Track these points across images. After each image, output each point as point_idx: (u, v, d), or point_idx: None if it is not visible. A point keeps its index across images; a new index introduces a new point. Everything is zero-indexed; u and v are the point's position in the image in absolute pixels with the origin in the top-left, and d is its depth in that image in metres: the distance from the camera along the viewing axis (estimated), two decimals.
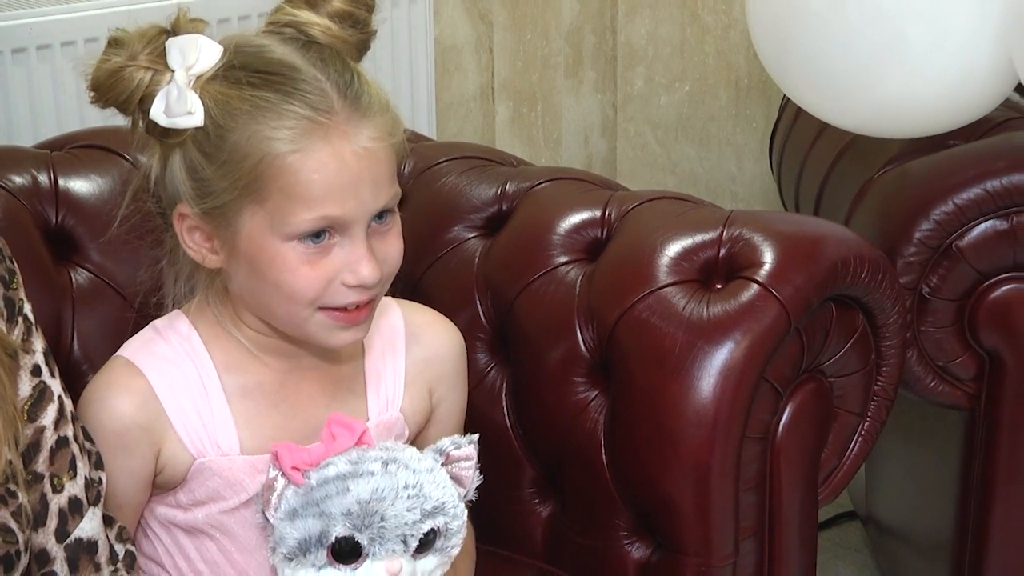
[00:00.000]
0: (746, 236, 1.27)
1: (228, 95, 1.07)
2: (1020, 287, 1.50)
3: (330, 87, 1.07)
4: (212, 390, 1.14)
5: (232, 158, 1.07)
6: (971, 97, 1.53)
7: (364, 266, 1.08)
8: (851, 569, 2.04)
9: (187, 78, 1.07)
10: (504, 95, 2.38)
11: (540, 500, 1.34)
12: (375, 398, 1.19)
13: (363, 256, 1.08)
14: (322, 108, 1.06)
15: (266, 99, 1.06)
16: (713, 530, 1.23)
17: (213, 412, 1.13)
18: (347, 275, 1.08)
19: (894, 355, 1.34)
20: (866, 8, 1.49)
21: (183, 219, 1.11)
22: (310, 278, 1.08)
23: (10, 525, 0.92)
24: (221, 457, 1.13)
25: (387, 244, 1.11)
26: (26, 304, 1.01)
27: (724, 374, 1.20)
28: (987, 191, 1.47)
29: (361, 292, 1.09)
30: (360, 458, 1.10)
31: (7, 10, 1.73)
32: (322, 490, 1.09)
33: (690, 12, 2.43)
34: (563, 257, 1.34)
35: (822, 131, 1.79)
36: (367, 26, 1.12)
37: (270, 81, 1.07)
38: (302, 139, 1.05)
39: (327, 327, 1.11)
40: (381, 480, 1.09)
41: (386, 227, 1.11)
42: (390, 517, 1.09)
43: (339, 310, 1.10)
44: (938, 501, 1.66)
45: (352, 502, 1.08)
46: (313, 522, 1.08)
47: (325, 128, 1.06)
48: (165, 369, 1.13)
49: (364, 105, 1.08)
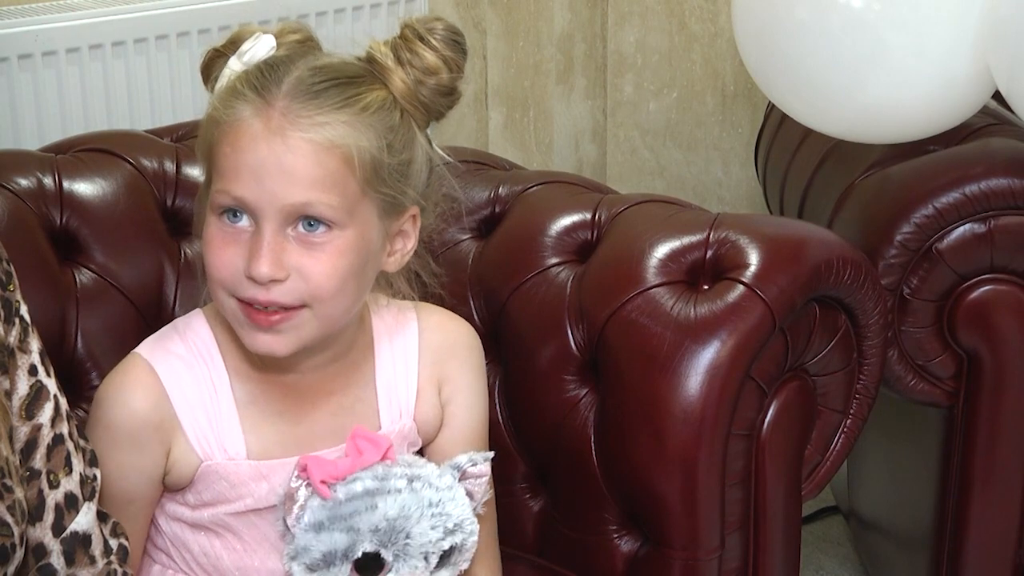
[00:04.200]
0: (732, 238, 1.27)
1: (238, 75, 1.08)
2: (997, 288, 1.50)
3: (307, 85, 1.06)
4: (222, 393, 1.12)
5: (204, 131, 1.08)
6: (950, 104, 1.53)
7: (258, 259, 1.04)
8: (833, 562, 2.04)
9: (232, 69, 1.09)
10: (497, 101, 2.37)
11: (531, 495, 1.34)
12: (387, 407, 1.18)
13: (260, 249, 1.04)
14: (282, 96, 1.05)
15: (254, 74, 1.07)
16: (699, 524, 1.23)
17: (222, 415, 1.12)
18: (246, 265, 1.05)
19: (875, 354, 1.34)
20: (848, 17, 1.49)
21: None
22: (222, 256, 1.06)
23: (5, 519, 0.91)
24: (227, 461, 1.12)
25: (312, 258, 1.05)
26: (23, 305, 1.00)
27: (711, 372, 1.20)
28: (965, 195, 1.47)
29: (257, 289, 1.05)
30: (386, 474, 1.10)
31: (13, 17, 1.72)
32: (350, 505, 1.08)
33: (678, 21, 2.42)
34: (554, 258, 1.34)
35: (806, 136, 1.78)
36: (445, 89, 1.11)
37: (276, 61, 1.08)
38: (239, 113, 1.05)
39: (241, 323, 1.08)
40: (408, 498, 1.09)
41: (315, 238, 1.05)
42: (415, 535, 1.08)
43: (248, 304, 1.06)
44: (918, 496, 1.65)
45: (380, 519, 1.08)
46: (340, 536, 1.07)
47: (263, 109, 1.05)
48: (178, 369, 1.12)
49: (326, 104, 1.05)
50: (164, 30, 1.78)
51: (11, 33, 1.69)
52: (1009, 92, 1.47)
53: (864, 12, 1.49)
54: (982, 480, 1.56)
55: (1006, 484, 1.57)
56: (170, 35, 1.79)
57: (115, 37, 1.74)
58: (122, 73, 1.74)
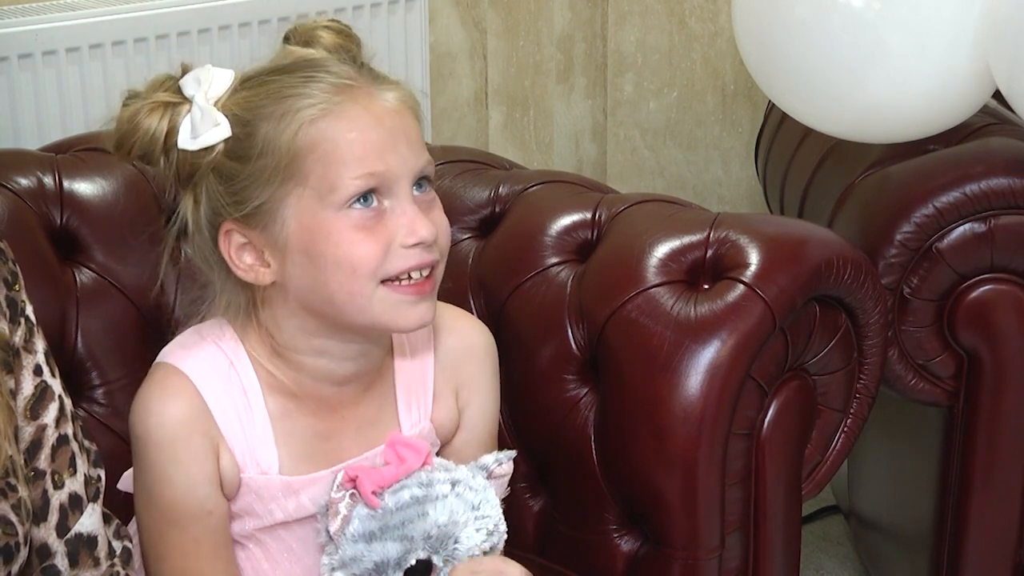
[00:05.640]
0: (732, 238, 1.27)
1: (250, 96, 1.07)
2: (997, 288, 1.51)
3: (347, 66, 1.08)
4: (256, 406, 1.11)
5: (267, 147, 1.05)
6: (950, 103, 1.53)
7: (419, 222, 1.06)
8: (834, 561, 2.04)
9: (207, 99, 1.07)
10: (497, 100, 2.37)
11: (532, 494, 1.34)
12: (406, 411, 1.17)
13: (416, 214, 1.06)
14: (344, 76, 1.07)
15: (288, 83, 1.07)
16: (700, 523, 1.23)
17: (256, 428, 1.10)
18: (404, 236, 1.06)
19: (876, 354, 1.35)
20: (848, 17, 1.49)
21: (229, 237, 1.08)
22: (368, 244, 1.05)
23: (10, 518, 0.91)
24: (260, 476, 1.10)
25: (434, 214, 1.09)
26: (28, 305, 1.01)
27: (711, 372, 1.20)
28: (966, 194, 1.47)
29: (422, 252, 1.07)
30: (430, 480, 1.10)
31: (13, 17, 1.72)
32: (401, 514, 1.07)
33: (678, 20, 2.42)
34: (554, 258, 1.34)
35: (806, 136, 1.78)
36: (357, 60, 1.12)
37: (289, 70, 1.08)
38: (331, 103, 1.05)
39: (394, 304, 1.07)
40: (454, 503, 1.09)
41: (428, 197, 1.09)
42: (463, 539, 1.09)
43: (403, 283, 1.07)
44: (918, 495, 1.66)
45: (432, 526, 1.08)
46: (393, 545, 1.07)
47: (352, 90, 1.06)
48: (211, 378, 1.10)
49: (382, 76, 1.09)
50: (164, 30, 1.78)
51: (11, 33, 1.69)
52: (1009, 92, 1.47)
53: (864, 12, 1.49)
54: (982, 480, 1.57)
55: (1006, 484, 1.57)
56: (170, 35, 1.79)
57: (115, 37, 1.74)
58: (122, 73, 1.73)
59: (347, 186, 1.05)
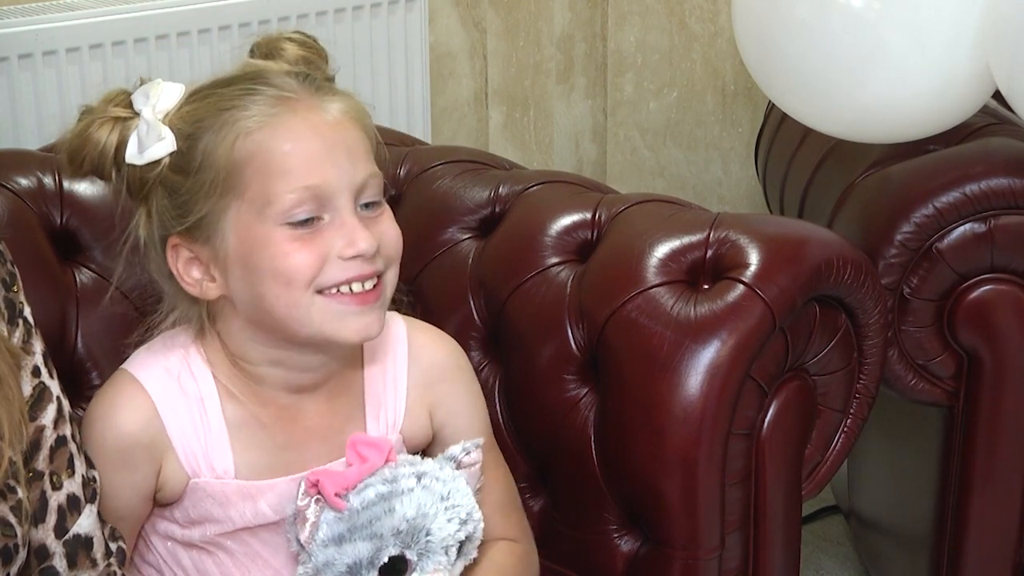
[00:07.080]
0: (732, 238, 1.27)
1: (193, 110, 1.07)
2: (997, 288, 1.51)
3: (291, 77, 1.08)
4: (212, 412, 1.12)
5: (206, 160, 1.05)
6: (950, 103, 1.53)
7: (359, 234, 1.05)
8: (834, 561, 2.04)
9: (155, 114, 1.07)
10: (497, 100, 2.37)
11: (532, 494, 1.34)
12: (375, 423, 1.17)
13: (356, 225, 1.05)
14: (285, 89, 1.06)
15: (228, 95, 1.06)
16: (700, 524, 1.23)
17: (211, 434, 1.11)
18: (343, 247, 1.05)
19: (876, 354, 1.35)
20: (848, 17, 1.49)
21: (177, 251, 1.09)
22: (303, 254, 1.05)
23: (9, 519, 0.92)
24: (215, 480, 1.11)
25: (381, 226, 1.08)
26: (26, 307, 1.01)
27: (711, 372, 1.20)
28: (965, 195, 1.47)
29: (362, 264, 1.06)
30: (394, 475, 1.10)
31: (13, 17, 1.72)
32: (367, 513, 1.08)
33: (678, 20, 2.42)
34: (554, 258, 1.34)
35: (806, 136, 1.78)
36: (323, 72, 1.12)
37: (231, 82, 1.08)
38: (269, 115, 1.05)
39: (336, 315, 1.06)
40: (421, 495, 1.09)
41: (375, 214, 1.08)
42: (435, 531, 1.09)
43: (343, 293, 1.06)
44: (918, 495, 1.66)
45: (400, 521, 1.08)
46: (364, 545, 1.07)
47: (290, 102, 1.05)
48: (168, 386, 1.11)
49: (326, 88, 1.08)
50: (164, 30, 1.78)
51: (11, 33, 1.69)
52: (1009, 92, 1.48)
53: (864, 12, 1.49)
54: (982, 480, 1.57)
55: (1006, 484, 1.58)
56: (170, 35, 1.79)
57: (115, 37, 1.75)
58: (122, 73, 1.74)
59: (283, 200, 1.04)
